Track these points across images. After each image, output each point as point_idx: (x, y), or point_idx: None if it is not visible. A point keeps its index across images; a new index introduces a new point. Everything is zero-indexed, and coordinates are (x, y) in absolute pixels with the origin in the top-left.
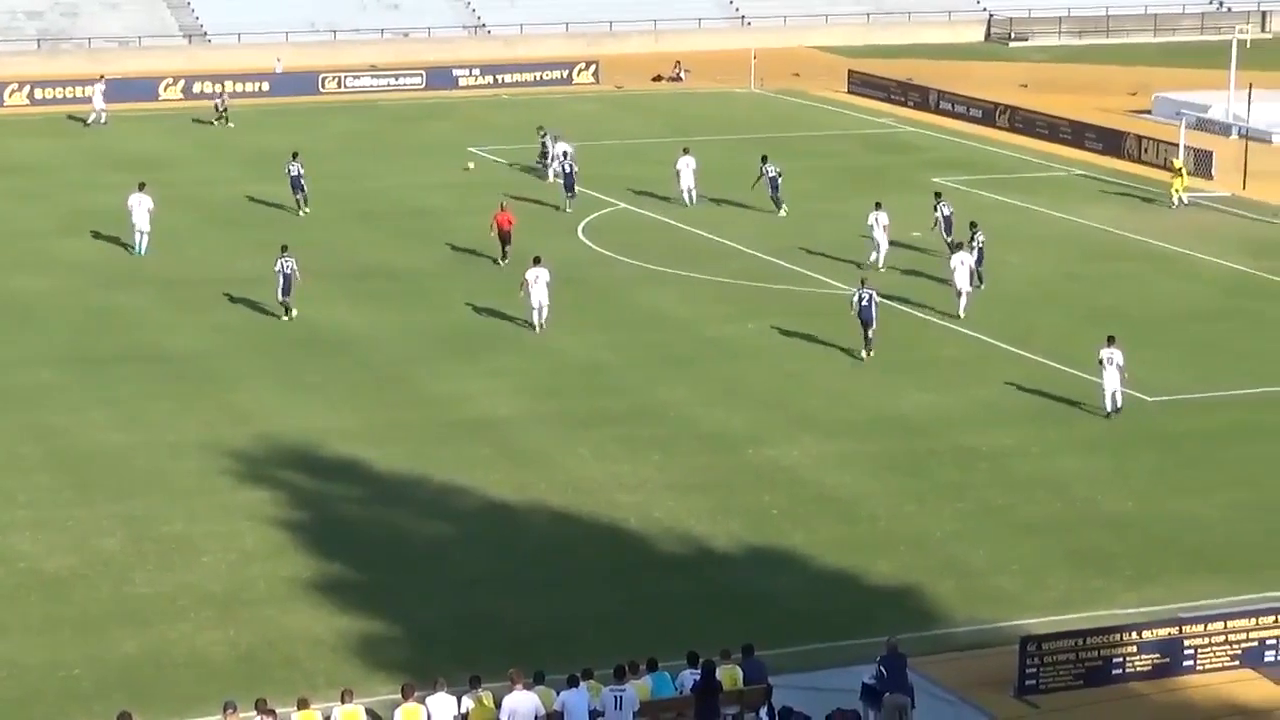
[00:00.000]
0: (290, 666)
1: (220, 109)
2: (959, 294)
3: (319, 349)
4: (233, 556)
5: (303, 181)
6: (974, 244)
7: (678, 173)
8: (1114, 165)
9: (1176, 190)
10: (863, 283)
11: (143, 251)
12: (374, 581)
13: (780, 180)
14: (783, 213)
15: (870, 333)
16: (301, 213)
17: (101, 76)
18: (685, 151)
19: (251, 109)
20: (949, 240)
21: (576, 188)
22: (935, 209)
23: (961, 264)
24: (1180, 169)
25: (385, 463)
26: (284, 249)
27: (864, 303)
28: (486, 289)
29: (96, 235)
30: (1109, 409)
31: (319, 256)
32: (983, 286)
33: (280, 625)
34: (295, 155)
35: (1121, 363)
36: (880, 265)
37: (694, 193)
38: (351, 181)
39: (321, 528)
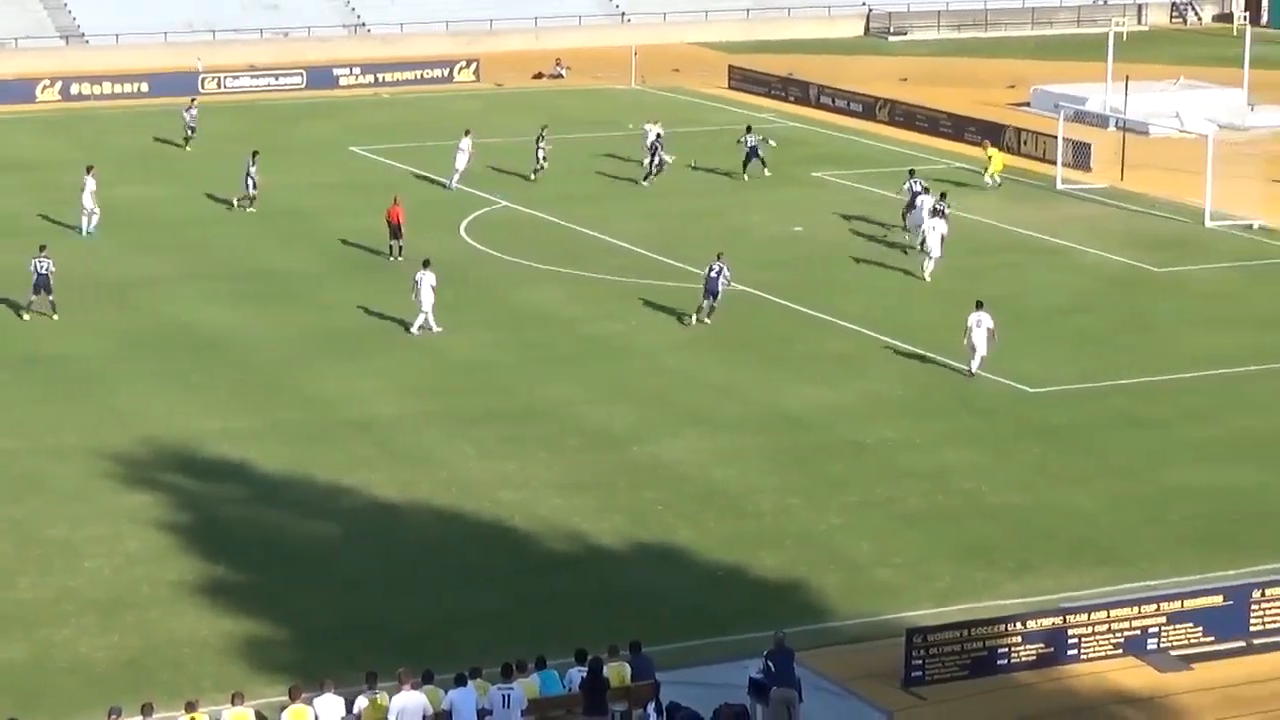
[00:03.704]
0: (175, 670)
1: (189, 126)
2: (929, 258)
3: (201, 350)
4: (116, 560)
5: (249, 179)
6: (942, 206)
7: (455, 155)
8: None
9: (991, 173)
10: (719, 256)
11: (93, 230)
12: (259, 583)
13: (760, 149)
14: (747, 177)
15: (714, 302)
16: (236, 203)
17: None
18: (466, 134)
19: (130, 109)
20: (906, 217)
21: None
22: (906, 184)
23: (933, 229)
24: (991, 155)
25: (268, 463)
26: (42, 248)
27: (713, 274)
28: (369, 289)
29: None
30: (973, 369)
31: (200, 258)
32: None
33: (165, 629)
34: (255, 154)
35: (991, 325)
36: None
37: (459, 175)
38: (232, 182)
39: (205, 530)
